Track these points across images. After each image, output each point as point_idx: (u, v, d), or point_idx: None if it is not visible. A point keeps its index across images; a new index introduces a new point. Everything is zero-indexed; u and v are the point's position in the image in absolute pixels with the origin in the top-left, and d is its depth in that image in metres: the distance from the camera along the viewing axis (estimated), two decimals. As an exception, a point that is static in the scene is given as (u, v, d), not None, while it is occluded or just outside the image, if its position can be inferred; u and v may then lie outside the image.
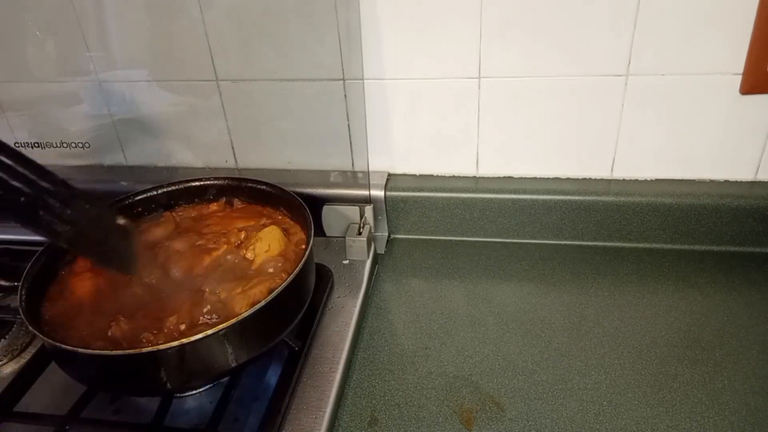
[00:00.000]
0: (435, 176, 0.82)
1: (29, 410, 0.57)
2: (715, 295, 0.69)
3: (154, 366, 0.50)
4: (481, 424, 0.55)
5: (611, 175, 0.78)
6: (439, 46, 0.72)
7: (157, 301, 0.57)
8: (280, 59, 0.75)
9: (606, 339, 0.63)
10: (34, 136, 0.87)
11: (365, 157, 0.81)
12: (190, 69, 0.78)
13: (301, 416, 0.54)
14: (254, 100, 0.79)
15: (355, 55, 0.74)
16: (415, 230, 0.83)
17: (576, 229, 0.78)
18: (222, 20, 0.74)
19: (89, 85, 0.82)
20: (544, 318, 0.67)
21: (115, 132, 0.86)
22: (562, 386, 0.58)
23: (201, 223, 0.70)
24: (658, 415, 0.55)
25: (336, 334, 0.64)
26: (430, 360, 0.62)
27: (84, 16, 0.76)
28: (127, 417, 0.57)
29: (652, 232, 0.77)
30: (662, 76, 0.70)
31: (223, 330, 0.49)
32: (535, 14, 0.68)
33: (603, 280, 0.72)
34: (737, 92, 0.69)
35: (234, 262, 0.62)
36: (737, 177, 0.75)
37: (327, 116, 0.77)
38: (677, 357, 0.61)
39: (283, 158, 0.83)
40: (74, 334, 0.54)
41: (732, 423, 0.53)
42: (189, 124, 0.83)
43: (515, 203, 0.78)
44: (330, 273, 0.72)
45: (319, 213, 0.78)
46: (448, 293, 0.72)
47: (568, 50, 0.70)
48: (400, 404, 0.57)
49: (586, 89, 0.72)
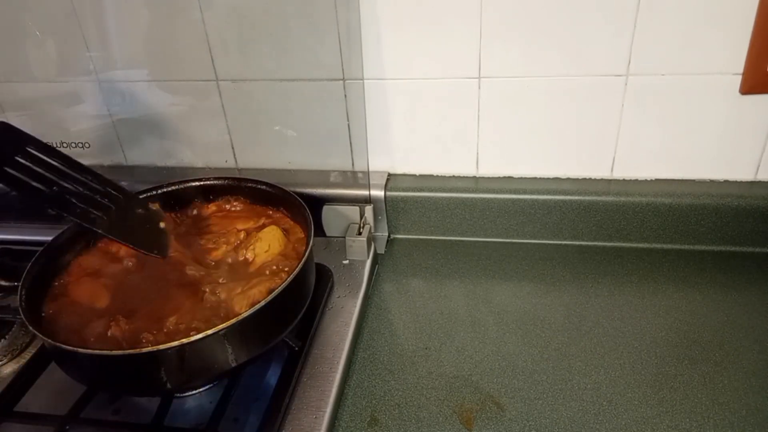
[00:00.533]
0: (435, 176, 0.82)
1: (29, 410, 0.57)
2: (715, 295, 0.69)
3: (154, 366, 0.50)
4: (481, 424, 0.55)
5: (611, 175, 0.78)
6: (439, 46, 0.72)
7: (157, 301, 0.57)
8: (280, 59, 0.75)
9: (606, 339, 0.63)
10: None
11: (365, 157, 0.81)
12: (190, 69, 0.78)
13: (301, 416, 0.54)
14: (254, 100, 0.79)
15: (355, 55, 0.74)
16: (415, 230, 0.83)
17: (576, 229, 0.78)
18: (222, 20, 0.74)
19: (89, 85, 0.82)
20: (544, 318, 0.67)
21: (115, 132, 0.86)
22: (562, 386, 0.58)
23: (201, 223, 0.70)
24: (658, 415, 0.55)
25: (336, 334, 0.64)
26: (430, 360, 0.62)
27: (84, 16, 0.76)
28: (127, 417, 0.57)
29: (652, 232, 0.77)
30: (662, 76, 0.70)
31: (223, 330, 0.49)
32: (535, 14, 0.68)
33: (603, 280, 0.72)
34: (737, 92, 0.69)
35: (234, 262, 0.62)
36: (737, 177, 0.75)
37: (327, 116, 0.77)
38: (677, 357, 0.61)
39: (283, 158, 0.83)
40: (74, 334, 0.54)
41: (732, 423, 0.53)
42: (189, 124, 0.83)
43: (515, 203, 0.78)
44: (330, 273, 0.72)
45: (319, 213, 0.78)
46: (448, 293, 0.72)
47: (568, 50, 0.70)
48: (400, 404, 0.57)
49: (586, 89, 0.72)
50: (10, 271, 0.67)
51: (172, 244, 0.63)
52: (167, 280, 0.60)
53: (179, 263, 0.61)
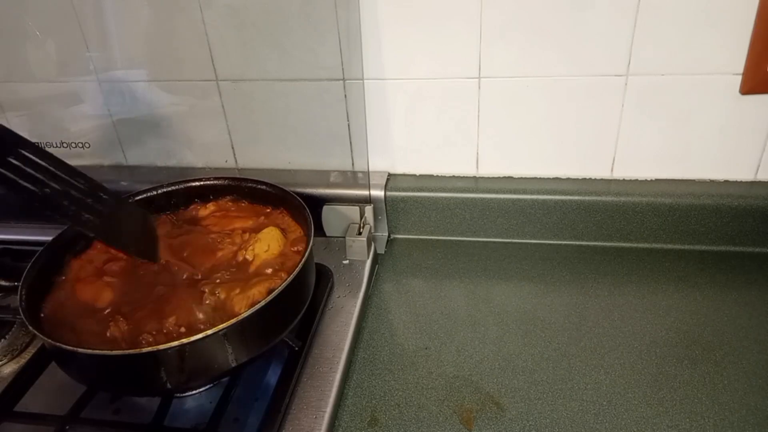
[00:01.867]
0: (435, 176, 0.82)
1: (29, 410, 0.57)
2: (715, 295, 0.69)
3: (154, 366, 0.50)
4: (481, 424, 0.55)
5: (611, 175, 0.78)
6: (439, 46, 0.72)
7: (157, 301, 0.57)
8: (280, 59, 0.75)
9: (606, 339, 0.63)
10: (34, 136, 0.86)
11: (365, 157, 0.81)
12: (190, 69, 0.78)
13: (301, 416, 0.54)
14: (254, 100, 0.79)
15: (355, 55, 0.74)
16: (415, 230, 0.83)
17: (576, 229, 0.78)
18: (222, 20, 0.74)
19: (89, 85, 0.82)
20: (544, 318, 0.67)
21: (115, 132, 0.86)
22: (562, 386, 0.58)
23: (200, 223, 0.70)
24: (658, 415, 0.55)
25: (336, 334, 0.64)
26: (430, 360, 0.62)
27: (84, 16, 0.76)
28: (127, 417, 0.57)
29: (652, 232, 0.77)
30: (662, 76, 0.70)
31: (223, 330, 0.49)
32: (535, 14, 0.68)
33: (603, 280, 0.72)
34: (737, 92, 0.69)
35: (233, 262, 0.62)
36: (737, 177, 0.75)
37: (327, 116, 0.77)
38: (677, 357, 0.61)
39: (283, 158, 0.83)
40: (74, 335, 0.54)
41: (732, 423, 0.53)
42: (189, 124, 0.83)
43: (515, 203, 0.78)
44: (330, 273, 0.72)
45: (319, 213, 0.78)
46: (448, 293, 0.72)
47: (568, 50, 0.70)
48: (400, 404, 0.57)
49: (586, 89, 0.72)
50: (10, 271, 0.67)
51: (168, 247, 0.63)
52: (167, 280, 0.60)
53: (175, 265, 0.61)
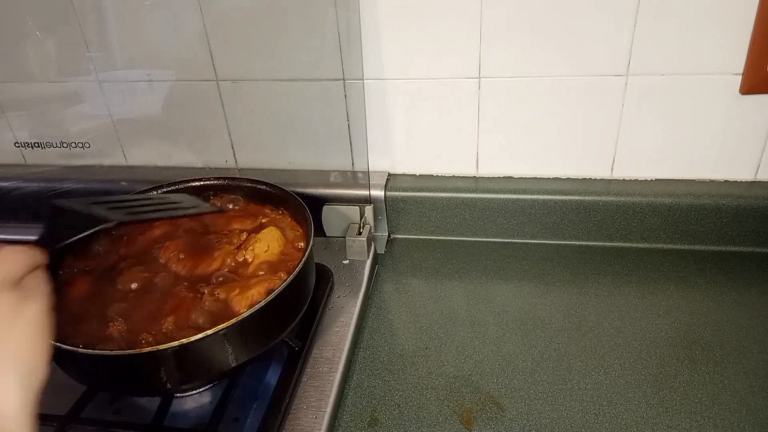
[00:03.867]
0: (435, 176, 0.82)
1: (29, 410, 0.57)
2: (715, 295, 0.69)
3: (154, 366, 0.50)
4: (481, 424, 0.55)
5: (611, 175, 0.78)
6: (440, 46, 0.72)
7: (156, 301, 0.57)
8: (280, 59, 0.75)
9: (606, 339, 0.63)
10: (34, 136, 0.87)
11: (365, 157, 0.81)
12: (190, 69, 0.78)
13: (301, 416, 0.54)
14: (254, 100, 0.79)
15: (355, 55, 0.74)
16: (415, 230, 0.83)
17: (576, 229, 0.78)
18: (222, 20, 0.74)
19: (89, 85, 0.82)
20: (544, 318, 0.67)
21: (115, 132, 0.86)
22: (562, 386, 0.58)
23: (200, 223, 0.70)
24: (658, 415, 0.54)
25: (336, 334, 0.64)
26: (430, 360, 0.62)
27: (84, 16, 0.76)
28: (127, 417, 0.57)
29: (652, 232, 0.77)
30: (662, 76, 0.70)
31: (223, 330, 0.49)
32: (535, 14, 0.68)
33: (603, 280, 0.72)
34: (737, 92, 0.69)
35: (233, 262, 0.62)
36: (737, 177, 0.75)
37: (327, 116, 0.77)
38: (677, 357, 0.61)
39: (283, 158, 0.83)
40: (74, 334, 0.54)
41: (732, 423, 0.53)
42: (189, 124, 0.83)
43: (515, 203, 0.78)
44: (330, 273, 0.72)
45: (319, 213, 0.78)
46: (448, 293, 0.72)
47: (568, 50, 0.70)
48: (400, 404, 0.57)
49: (586, 89, 0.72)
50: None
51: (168, 247, 0.63)
52: (166, 281, 0.60)
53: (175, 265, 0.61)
